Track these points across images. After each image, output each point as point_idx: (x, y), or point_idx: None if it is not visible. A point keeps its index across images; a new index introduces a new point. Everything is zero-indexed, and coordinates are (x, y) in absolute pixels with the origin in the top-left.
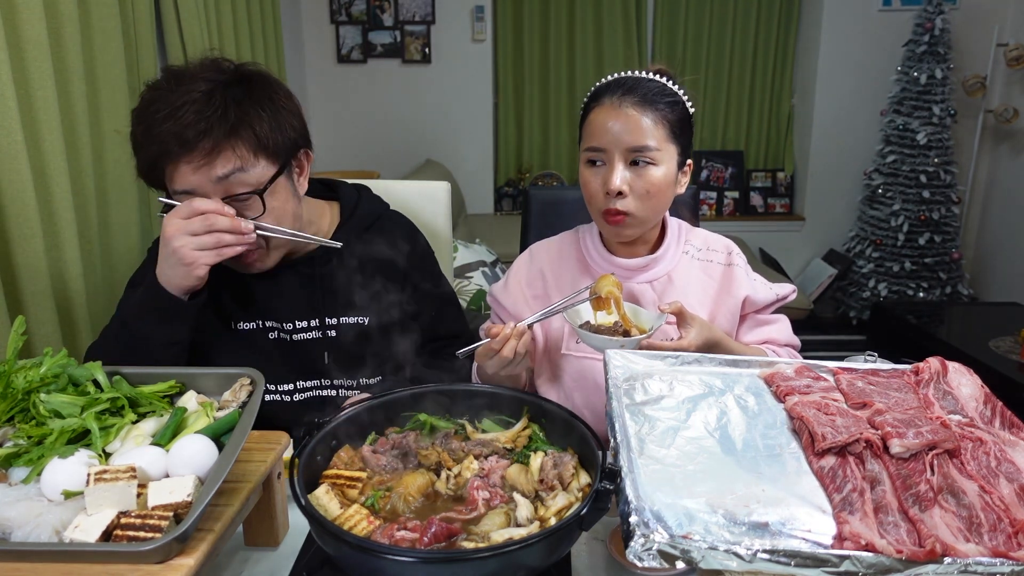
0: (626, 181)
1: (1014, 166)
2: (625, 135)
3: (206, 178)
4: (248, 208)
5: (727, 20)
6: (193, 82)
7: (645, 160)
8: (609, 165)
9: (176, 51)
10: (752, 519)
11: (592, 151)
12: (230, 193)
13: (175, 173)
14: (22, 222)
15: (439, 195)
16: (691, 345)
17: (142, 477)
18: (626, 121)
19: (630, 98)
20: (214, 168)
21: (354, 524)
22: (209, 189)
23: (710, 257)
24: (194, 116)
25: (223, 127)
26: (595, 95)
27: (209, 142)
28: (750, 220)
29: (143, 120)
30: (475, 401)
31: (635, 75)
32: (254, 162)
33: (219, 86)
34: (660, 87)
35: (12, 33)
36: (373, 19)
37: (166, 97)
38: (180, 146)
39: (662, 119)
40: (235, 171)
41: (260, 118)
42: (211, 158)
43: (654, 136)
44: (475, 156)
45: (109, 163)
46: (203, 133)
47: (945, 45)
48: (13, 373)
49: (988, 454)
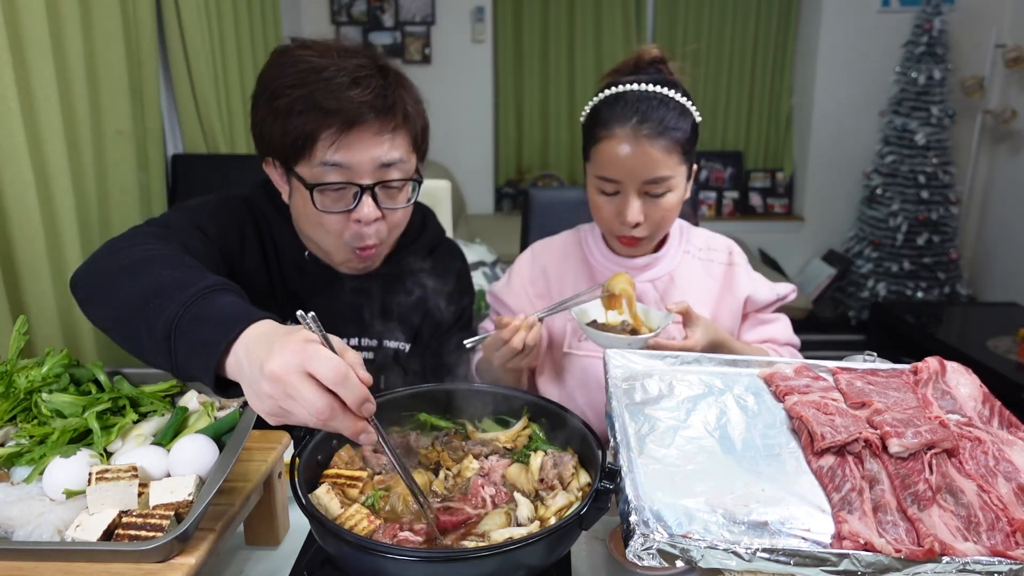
0: (642, 211)
1: (1012, 166)
2: (641, 168)
3: (378, 154)
4: (390, 198)
5: (726, 21)
6: (357, 56)
7: (661, 190)
8: (624, 196)
9: (177, 51)
10: (751, 518)
11: (605, 181)
12: (383, 179)
13: (344, 147)
14: (24, 222)
15: (439, 195)
16: (697, 345)
17: (143, 476)
18: (642, 155)
19: (644, 128)
20: (393, 146)
21: (355, 524)
22: (368, 169)
23: (711, 257)
24: (379, 88)
25: (402, 109)
26: (604, 119)
27: (395, 119)
28: (749, 220)
29: (310, 82)
30: (475, 401)
31: (644, 91)
32: (410, 154)
33: (381, 67)
34: (672, 107)
35: (14, 34)
36: (373, 20)
37: (339, 60)
38: (375, 114)
39: (675, 144)
40: (401, 159)
41: (417, 113)
42: (393, 135)
43: (668, 165)
44: (475, 156)
45: (110, 163)
46: (391, 108)
47: (944, 46)
48: (15, 373)
49: (986, 453)
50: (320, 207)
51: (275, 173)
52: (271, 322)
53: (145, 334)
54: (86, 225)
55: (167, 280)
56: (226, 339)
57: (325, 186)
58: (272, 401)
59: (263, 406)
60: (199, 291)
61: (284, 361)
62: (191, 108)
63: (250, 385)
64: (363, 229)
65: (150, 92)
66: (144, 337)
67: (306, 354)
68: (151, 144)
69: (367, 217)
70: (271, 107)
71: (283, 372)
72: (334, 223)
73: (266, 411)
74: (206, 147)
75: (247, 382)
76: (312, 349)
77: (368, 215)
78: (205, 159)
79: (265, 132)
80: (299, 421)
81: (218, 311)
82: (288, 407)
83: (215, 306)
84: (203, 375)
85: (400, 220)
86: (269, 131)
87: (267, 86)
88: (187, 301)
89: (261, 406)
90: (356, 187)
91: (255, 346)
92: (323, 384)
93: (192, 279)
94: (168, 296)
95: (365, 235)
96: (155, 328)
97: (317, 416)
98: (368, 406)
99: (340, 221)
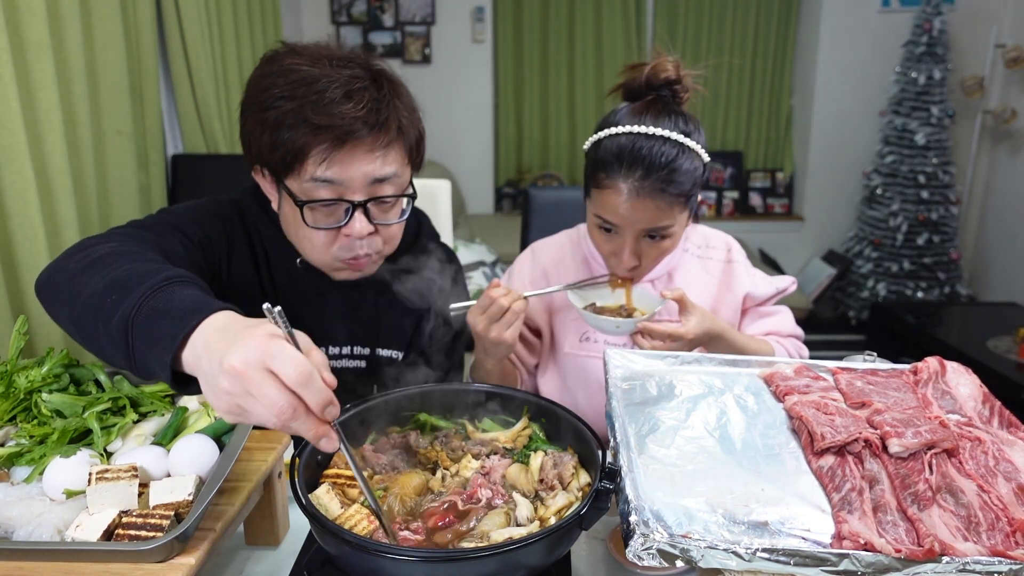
0: (639, 253)
1: (1012, 166)
2: (641, 220)
3: (371, 169)
4: (383, 212)
5: (726, 21)
6: (350, 65)
7: (660, 235)
8: (621, 240)
9: (177, 52)
10: (751, 518)
11: (604, 221)
12: (376, 195)
13: (336, 159)
14: (24, 222)
15: (439, 195)
16: (689, 332)
17: (143, 476)
18: (643, 210)
19: (649, 183)
20: (386, 162)
21: (354, 523)
22: (360, 184)
23: (709, 254)
24: (373, 102)
25: (396, 122)
26: (607, 165)
27: (388, 134)
28: (749, 220)
29: (300, 95)
30: (475, 401)
31: (652, 147)
32: (404, 167)
33: (375, 76)
34: (681, 156)
35: (14, 35)
36: (373, 20)
37: (331, 70)
38: (368, 129)
39: (680, 195)
40: (395, 173)
41: (411, 124)
42: (386, 151)
43: (669, 216)
44: (475, 156)
45: (110, 163)
46: (384, 123)
47: (944, 46)
48: (15, 373)
49: (986, 453)
50: (311, 223)
51: (264, 181)
52: (232, 314)
53: (102, 331)
54: (86, 225)
55: (124, 274)
56: (183, 332)
57: (316, 203)
58: (230, 398)
59: (220, 403)
60: (156, 283)
61: (245, 356)
62: (191, 108)
63: (208, 380)
64: (354, 242)
65: (150, 92)
66: (102, 334)
67: (269, 350)
68: (151, 144)
69: (359, 233)
70: (260, 118)
71: (243, 367)
72: (324, 238)
73: (223, 409)
74: (206, 147)
75: (205, 377)
76: (276, 345)
77: (360, 231)
78: (205, 159)
79: (254, 143)
80: (257, 421)
81: (176, 303)
82: (247, 405)
83: (173, 298)
84: (160, 370)
85: (395, 233)
86: (258, 142)
87: (256, 96)
88: (144, 294)
89: (218, 403)
90: (347, 203)
91: (214, 339)
92: (285, 383)
93: (150, 272)
94: (125, 290)
95: (356, 247)
96: (111, 324)
97: (277, 416)
98: (332, 409)
99: (330, 236)
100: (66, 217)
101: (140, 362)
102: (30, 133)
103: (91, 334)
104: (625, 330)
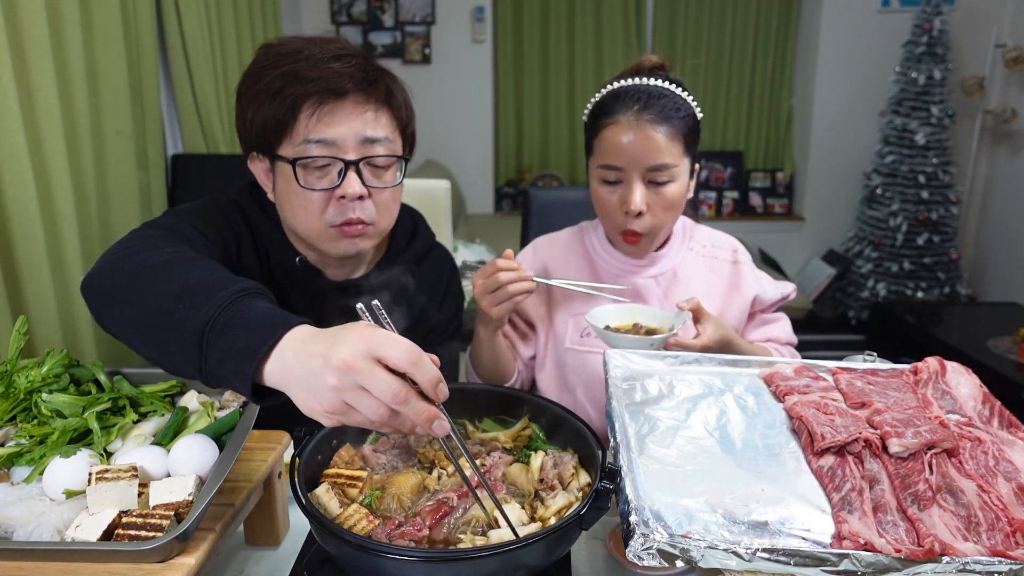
0: (645, 200)
1: (1012, 166)
2: (644, 154)
3: (361, 127)
4: (376, 176)
5: (726, 21)
6: (339, 41)
7: (663, 179)
8: (627, 184)
9: (177, 52)
10: (751, 518)
11: (608, 169)
12: (367, 155)
13: (325, 117)
14: (24, 222)
15: (439, 195)
16: (709, 341)
17: (143, 476)
18: (644, 140)
19: (647, 114)
20: (379, 124)
21: (354, 523)
22: (352, 144)
23: (715, 254)
24: (361, 65)
25: (383, 86)
26: (607, 109)
27: (377, 93)
28: (749, 220)
29: (291, 61)
30: (475, 401)
31: (647, 84)
32: (395, 134)
33: (364, 55)
34: (673, 99)
35: (14, 34)
36: (373, 20)
37: (320, 45)
38: (355, 85)
39: (677, 133)
40: (387, 137)
41: (403, 99)
42: (376, 112)
43: (671, 153)
44: (475, 156)
45: (110, 163)
46: (373, 83)
47: (944, 46)
48: (15, 373)
49: (986, 453)
50: (304, 184)
51: (260, 169)
52: (311, 327)
53: (173, 338)
54: (86, 225)
55: (197, 282)
56: (266, 343)
57: (308, 159)
58: (336, 395)
59: (324, 404)
60: (234, 294)
61: (353, 349)
62: (191, 108)
63: (308, 383)
64: (347, 205)
65: (150, 92)
66: (171, 340)
67: (375, 339)
68: (151, 144)
69: (352, 194)
70: (254, 91)
71: (353, 359)
72: (318, 203)
73: (326, 409)
74: (206, 147)
75: (301, 382)
76: (380, 334)
77: (353, 191)
78: (205, 159)
79: (248, 118)
80: (360, 419)
81: (255, 315)
82: (353, 401)
83: (251, 311)
84: (238, 380)
85: (388, 201)
86: (252, 116)
87: (249, 74)
88: (222, 303)
89: (320, 404)
90: (340, 163)
91: (306, 345)
92: (396, 367)
93: (223, 281)
94: (200, 298)
95: (348, 210)
96: (185, 331)
97: (392, 399)
98: (443, 387)
99: (324, 199)
100: (66, 217)
101: (212, 371)
102: (30, 133)
103: (157, 340)
104: (656, 347)
